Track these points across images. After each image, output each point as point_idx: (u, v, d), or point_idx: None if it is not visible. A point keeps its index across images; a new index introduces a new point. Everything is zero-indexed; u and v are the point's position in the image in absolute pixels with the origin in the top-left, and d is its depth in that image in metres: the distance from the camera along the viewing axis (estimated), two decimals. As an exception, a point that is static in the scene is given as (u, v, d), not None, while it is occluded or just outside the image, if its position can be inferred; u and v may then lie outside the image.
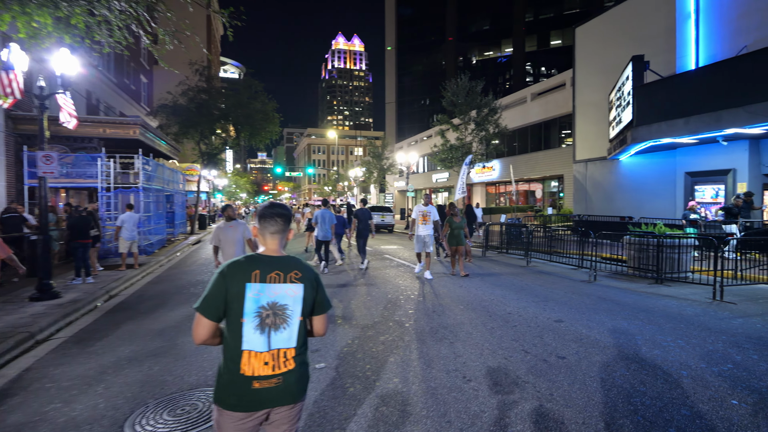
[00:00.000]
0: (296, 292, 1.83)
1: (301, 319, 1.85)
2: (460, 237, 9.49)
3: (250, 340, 1.76)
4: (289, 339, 1.82)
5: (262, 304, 1.78)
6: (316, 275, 1.96)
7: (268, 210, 1.94)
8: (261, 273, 1.81)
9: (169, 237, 20.73)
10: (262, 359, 1.77)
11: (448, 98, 19.85)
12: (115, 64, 25.89)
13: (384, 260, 12.69)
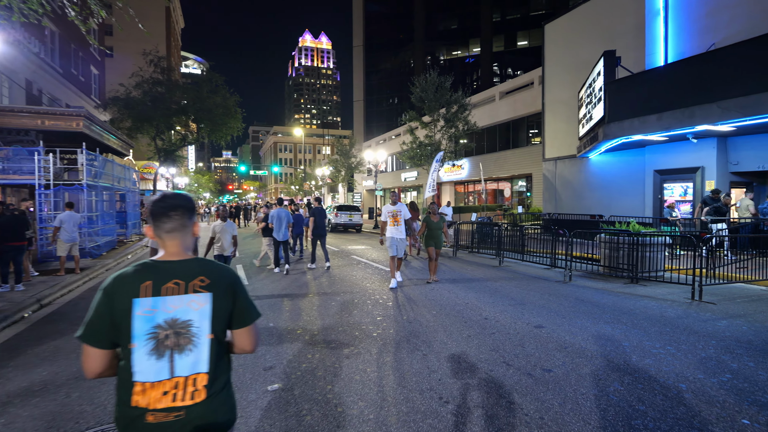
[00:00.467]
0: (201, 304, 1.49)
1: (212, 337, 1.50)
2: (439, 238, 8.63)
3: (143, 369, 1.43)
4: (197, 363, 1.48)
5: (157, 322, 1.45)
6: (233, 279, 1.59)
7: (159, 204, 1.55)
8: (153, 284, 1.47)
9: (120, 238, 19.35)
10: (160, 389, 1.43)
11: (416, 94, 19.35)
12: (61, 53, 24.13)
13: (351, 261, 12.05)
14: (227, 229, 7.35)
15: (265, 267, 11.14)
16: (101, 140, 16.91)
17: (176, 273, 1.50)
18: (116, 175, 18.26)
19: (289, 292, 7.75)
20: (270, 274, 9.96)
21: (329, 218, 24.81)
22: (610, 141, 12.20)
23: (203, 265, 1.55)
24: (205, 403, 1.48)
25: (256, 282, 8.93)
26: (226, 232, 7.33)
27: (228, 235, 7.32)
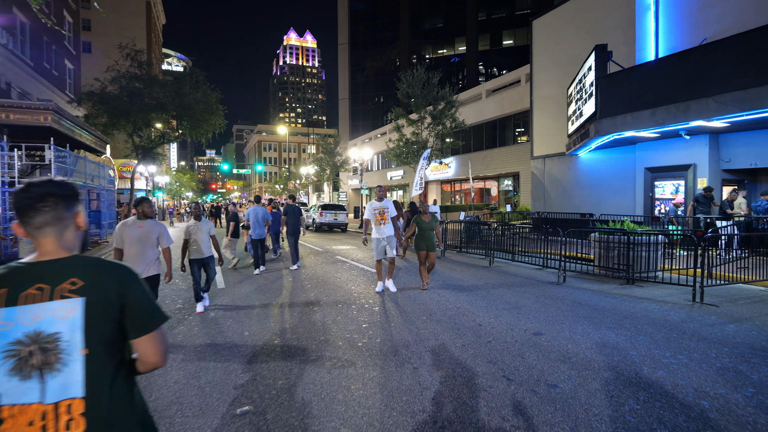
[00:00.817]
0: (70, 312, 1.23)
1: (86, 353, 1.24)
2: (431, 240, 7.65)
3: (7, 391, 1.21)
4: (67, 386, 1.22)
5: (16, 337, 1.22)
6: (122, 278, 1.32)
7: (23, 195, 1.29)
8: (10, 292, 1.23)
9: (95, 239, 18.52)
10: (26, 417, 1.20)
11: (403, 90, 18.87)
12: (33, 45, 23.09)
13: (336, 262, 11.55)
14: (203, 228, 6.48)
15: (237, 267, 10.90)
16: (72, 136, 16.09)
17: (42, 276, 1.26)
18: (89, 172, 17.46)
19: (267, 297, 7.24)
20: (248, 277, 9.43)
21: (314, 218, 24.26)
22: (602, 138, 11.92)
23: (78, 265, 1.28)
24: None
25: (234, 286, 8.39)
26: (202, 231, 6.47)
27: (204, 235, 6.47)
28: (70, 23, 30.30)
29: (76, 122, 16.15)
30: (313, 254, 13.51)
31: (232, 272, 10.07)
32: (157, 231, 4.80)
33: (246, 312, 6.24)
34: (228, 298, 7.27)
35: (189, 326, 5.49)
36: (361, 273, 9.70)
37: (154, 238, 4.76)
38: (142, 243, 4.65)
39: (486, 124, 28.30)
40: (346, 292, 7.62)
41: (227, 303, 6.88)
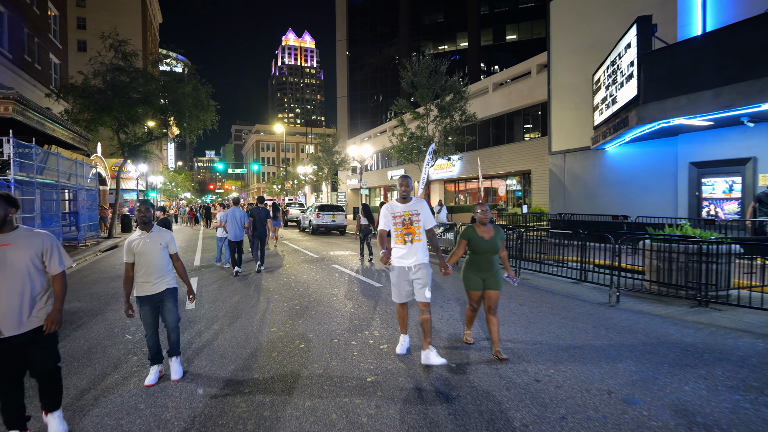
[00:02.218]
0: None
1: None
2: (494, 270, 4.52)
3: None
4: None
5: None
6: None
7: None
8: None
9: (71, 243, 16.93)
10: None
11: (408, 79, 17.20)
12: (11, 37, 21.48)
13: (332, 273, 9.96)
14: (154, 242, 3.91)
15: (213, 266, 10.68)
16: (43, 130, 14.52)
17: None
18: (64, 170, 15.85)
19: (243, 318, 5.66)
20: (224, 283, 7.85)
21: (310, 219, 22.71)
22: (645, 126, 10.31)
23: None
24: None
25: (204, 298, 6.79)
26: (153, 249, 3.91)
27: (156, 256, 3.92)
28: (55, 15, 28.73)
29: (46, 115, 14.59)
30: (307, 261, 11.91)
31: (210, 279, 8.50)
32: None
33: (210, 335, 4.65)
34: (190, 313, 5.67)
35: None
36: (364, 290, 8.10)
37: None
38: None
39: (493, 120, 26.73)
40: (344, 318, 6.01)
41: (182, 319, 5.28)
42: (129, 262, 3.92)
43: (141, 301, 3.95)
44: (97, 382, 3.92)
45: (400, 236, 4.33)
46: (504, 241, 4.64)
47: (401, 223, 4.34)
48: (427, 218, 4.39)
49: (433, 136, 17.29)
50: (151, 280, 3.91)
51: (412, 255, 4.29)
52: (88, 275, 10.44)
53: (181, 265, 4.14)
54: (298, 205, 31.78)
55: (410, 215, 4.35)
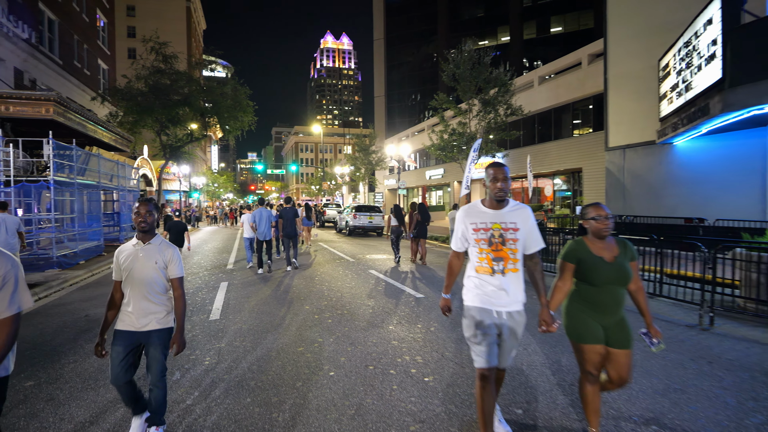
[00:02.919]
0: None
1: None
2: (621, 317, 2.80)
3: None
4: None
5: None
6: None
7: None
8: None
9: (112, 243, 17.11)
10: None
11: (449, 72, 16.17)
12: (62, 44, 22.18)
13: (368, 278, 9.24)
14: (149, 257, 2.82)
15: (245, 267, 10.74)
16: (84, 132, 14.63)
17: None
18: (106, 171, 15.97)
19: (269, 336, 5.01)
20: (253, 289, 7.28)
21: (347, 220, 22.18)
22: (731, 114, 8.94)
23: None
24: None
25: (231, 306, 6.21)
26: (145, 266, 2.80)
27: (150, 277, 2.82)
28: (104, 23, 29.68)
29: (88, 117, 14.70)
30: (342, 266, 11.26)
31: (238, 283, 7.98)
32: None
33: (232, 358, 4.01)
34: (216, 320, 5.08)
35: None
36: (407, 302, 7.32)
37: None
38: None
39: (538, 116, 25.28)
40: (380, 340, 5.26)
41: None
42: (117, 279, 2.85)
43: (117, 336, 2.79)
44: (95, 417, 3.34)
45: (485, 260, 2.68)
46: (637, 265, 2.83)
47: (487, 240, 2.67)
48: (530, 236, 2.70)
49: (475, 132, 16.28)
50: (137, 311, 2.77)
51: (502, 293, 2.66)
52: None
53: (182, 296, 2.87)
54: (335, 206, 31.43)
55: (503, 229, 2.66)
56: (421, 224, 11.58)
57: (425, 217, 11.71)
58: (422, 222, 11.61)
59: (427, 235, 11.94)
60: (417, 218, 11.60)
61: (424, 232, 11.65)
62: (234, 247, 16.47)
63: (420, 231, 11.60)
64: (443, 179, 36.33)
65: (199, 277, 9.92)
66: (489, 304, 2.68)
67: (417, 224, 11.60)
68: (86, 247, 13.68)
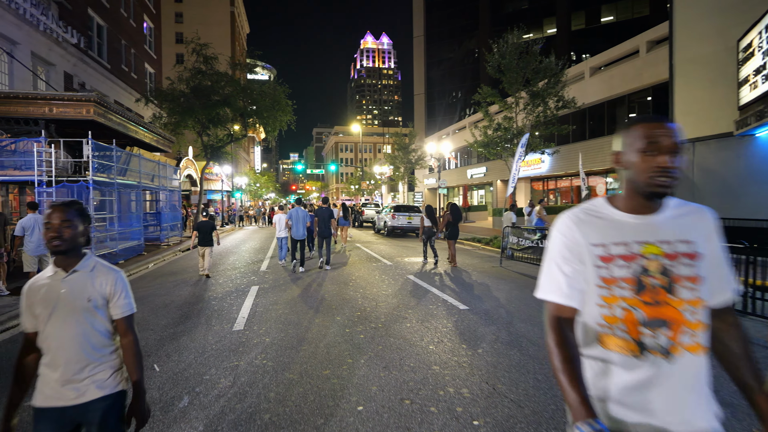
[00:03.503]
0: None
1: None
2: None
3: None
4: None
5: None
6: None
7: None
8: None
9: (153, 243, 17.30)
10: None
11: (494, 62, 15.08)
12: (110, 48, 22.85)
13: (406, 285, 8.53)
14: (87, 287, 1.84)
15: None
16: (125, 132, 14.74)
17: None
18: (146, 171, 16.12)
19: (292, 353, 4.40)
20: (282, 295, 6.74)
21: (385, 220, 21.57)
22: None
23: None
24: None
25: (257, 315, 5.67)
26: (77, 300, 1.81)
27: (82, 320, 1.81)
28: (150, 28, 30.54)
29: (128, 117, 14.81)
30: (379, 270, 10.60)
31: (269, 286, 7.48)
32: None
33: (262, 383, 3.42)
34: (244, 330, 4.52)
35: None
36: (446, 312, 6.57)
37: None
38: None
39: (589, 109, 23.68)
40: (421, 368, 4.54)
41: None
42: (29, 331, 1.84)
43: (38, 419, 1.79)
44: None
45: (626, 325, 1.26)
46: None
47: (632, 279, 1.26)
48: (718, 268, 1.32)
49: (522, 127, 15.17)
50: (65, 375, 1.78)
51: (661, 402, 1.22)
52: (157, 277, 10.01)
53: (134, 342, 1.91)
54: (374, 206, 30.91)
55: (667, 255, 1.26)
56: (453, 225, 11.02)
57: (457, 217, 11.13)
58: (453, 222, 11.05)
59: (458, 236, 11.37)
60: (449, 218, 11.06)
61: (455, 233, 11.07)
62: (270, 247, 16.25)
63: (452, 232, 11.02)
64: (485, 178, 35.03)
65: (231, 279, 9.56)
66: (627, 426, 1.26)
67: (448, 224, 11.04)
68: (126, 247, 13.75)
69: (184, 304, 7.20)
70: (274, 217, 12.22)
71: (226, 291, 8.25)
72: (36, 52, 16.20)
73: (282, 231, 11.71)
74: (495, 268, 10.87)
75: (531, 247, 10.07)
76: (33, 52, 16.04)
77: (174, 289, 8.62)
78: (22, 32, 15.33)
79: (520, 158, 12.01)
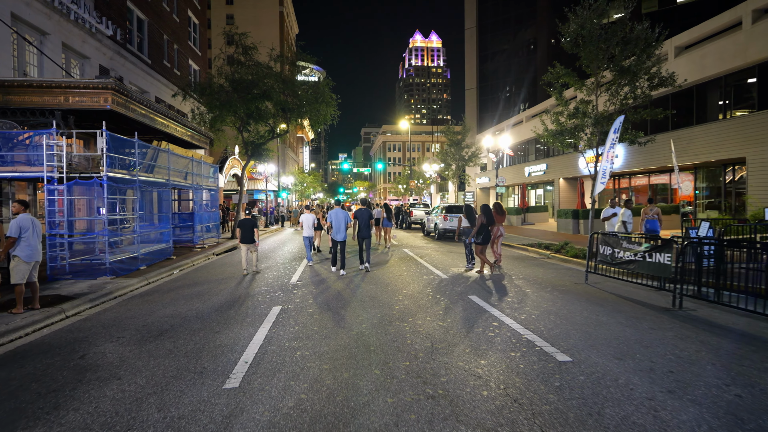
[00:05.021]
0: None
1: None
2: None
3: None
4: None
5: None
6: None
7: None
8: None
9: (185, 245, 16.11)
10: None
11: (570, 33, 12.21)
12: (151, 43, 22.19)
13: (470, 312, 6.38)
14: None
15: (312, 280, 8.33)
16: (152, 125, 13.47)
17: None
18: (177, 168, 14.88)
19: None
20: (306, 327, 4.83)
21: (436, 222, 19.40)
22: None
23: None
24: None
25: (267, 356, 3.80)
26: None
27: None
28: (195, 24, 30.04)
29: (157, 109, 13.58)
30: (432, 287, 8.47)
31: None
32: None
33: None
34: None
35: None
36: (541, 377, 4.39)
37: None
38: None
39: (673, 95, 20.33)
40: None
41: None
42: None
43: None
44: None
45: None
46: None
47: None
48: None
49: (603, 113, 12.45)
50: None
51: None
52: (172, 289, 8.44)
53: None
54: (423, 206, 28.73)
55: None
56: (485, 228, 9.99)
57: (490, 219, 10.11)
58: (486, 225, 10.02)
59: (488, 242, 10.17)
60: (482, 221, 10.00)
61: (488, 237, 10.04)
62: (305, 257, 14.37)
63: (486, 236, 10.00)
64: (546, 176, 31.89)
65: (251, 296, 7.79)
66: None
67: (481, 228, 10.00)
68: (151, 250, 12.47)
69: (169, 331, 5.48)
70: (301, 217, 12.30)
71: (238, 313, 6.47)
72: (68, 43, 15.39)
73: (308, 230, 12.02)
74: (581, 287, 8.47)
75: (633, 261, 7.61)
76: (64, 43, 15.23)
77: (180, 303, 6.96)
78: (52, 22, 14.50)
79: (613, 145, 9.49)
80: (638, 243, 7.78)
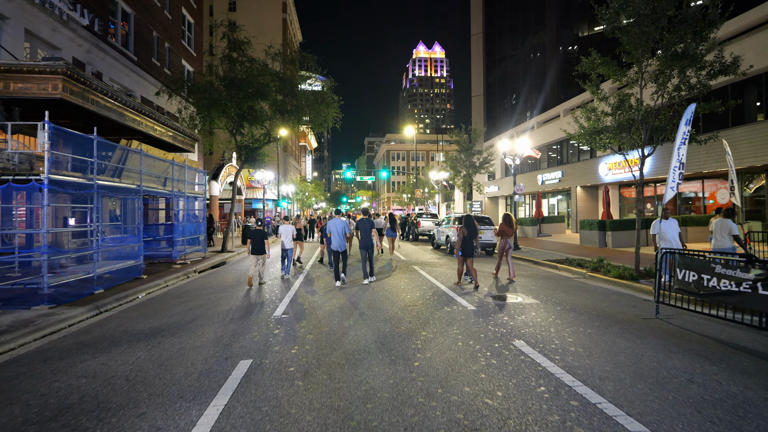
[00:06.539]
0: None
1: None
2: None
3: None
4: None
5: None
6: None
7: None
8: None
9: (163, 261, 14.09)
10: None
11: (609, 17, 9.94)
12: (138, 39, 20.37)
13: (520, 375, 4.30)
14: None
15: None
16: (121, 121, 11.52)
17: None
18: (152, 173, 12.92)
19: None
20: (282, 394, 2.77)
21: (447, 234, 17.34)
22: None
23: None
24: None
25: None
26: None
27: None
28: (190, 23, 28.34)
29: (126, 102, 11.62)
30: (456, 324, 6.36)
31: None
32: None
33: None
34: None
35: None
36: None
37: None
38: None
39: (711, 94, 18.29)
40: None
41: None
42: None
43: None
44: None
45: None
46: None
47: None
48: None
49: (648, 107, 10.40)
50: None
51: None
52: (124, 322, 6.33)
53: None
54: (431, 216, 26.64)
55: None
56: (468, 241, 9.77)
57: (472, 232, 9.81)
58: (469, 238, 9.77)
59: (474, 254, 9.95)
60: (464, 233, 9.77)
61: (470, 249, 9.81)
62: (300, 277, 12.16)
63: (466, 248, 9.79)
64: (561, 184, 29.83)
65: (218, 340, 5.70)
66: None
67: (463, 241, 9.78)
68: (114, 269, 10.44)
69: (73, 408, 3.39)
70: (280, 228, 12.03)
71: (188, 372, 4.40)
72: (33, 30, 13.53)
73: (287, 242, 11.80)
74: (654, 323, 6.37)
75: (734, 293, 5.54)
76: (28, 30, 13.37)
77: (118, 350, 4.88)
78: (13, 5, 12.65)
79: (684, 140, 7.47)
80: (741, 267, 5.68)
